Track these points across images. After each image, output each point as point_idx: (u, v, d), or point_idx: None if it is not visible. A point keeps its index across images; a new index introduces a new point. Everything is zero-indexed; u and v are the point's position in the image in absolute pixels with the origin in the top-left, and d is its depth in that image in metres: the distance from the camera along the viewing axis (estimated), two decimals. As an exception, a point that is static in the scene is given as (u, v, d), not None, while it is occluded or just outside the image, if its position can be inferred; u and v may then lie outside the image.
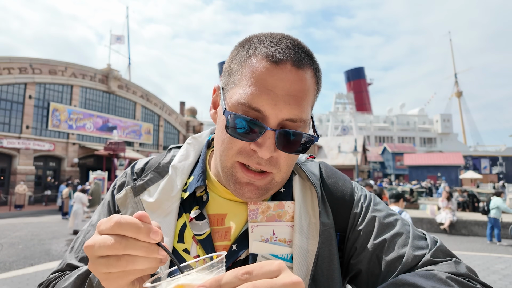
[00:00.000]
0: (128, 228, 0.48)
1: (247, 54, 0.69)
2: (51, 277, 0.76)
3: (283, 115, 0.65)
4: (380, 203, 0.81)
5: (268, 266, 0.41)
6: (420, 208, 16.00)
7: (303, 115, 0.67)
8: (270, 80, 0.64)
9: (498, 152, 56.99)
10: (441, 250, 0.69)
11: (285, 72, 0.65)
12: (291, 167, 0.73)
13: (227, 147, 0.70)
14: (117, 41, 40.42)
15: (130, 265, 0.48)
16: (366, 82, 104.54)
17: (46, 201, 21.99)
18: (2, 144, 20.77)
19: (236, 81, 0.69)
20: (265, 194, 0.72)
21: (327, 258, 0.72)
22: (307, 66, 0.68)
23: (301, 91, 0.66)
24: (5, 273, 6.75)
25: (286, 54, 0.66)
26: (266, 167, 0.68)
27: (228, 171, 0.71)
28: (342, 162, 37.61)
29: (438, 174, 39.49)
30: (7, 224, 13.47)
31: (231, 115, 0.66)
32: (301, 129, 0.68)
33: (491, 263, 7.50)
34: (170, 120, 34.62)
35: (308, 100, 0.68)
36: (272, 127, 0.65)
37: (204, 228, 0.74)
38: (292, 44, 0.68)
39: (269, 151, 0.65)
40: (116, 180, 0.90)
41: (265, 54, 0.66)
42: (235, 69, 0.70)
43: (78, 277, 0.67)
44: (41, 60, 23.56)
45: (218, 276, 0.41)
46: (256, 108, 0.64)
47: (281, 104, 0.64)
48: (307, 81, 0.68)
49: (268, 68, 0.65)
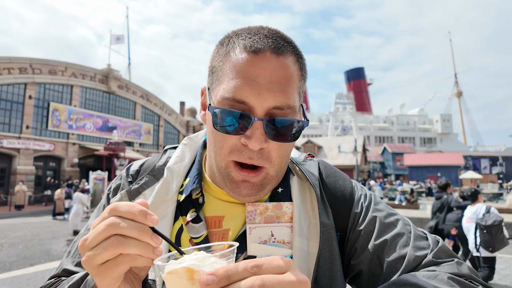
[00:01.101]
0: (125, 209, 0.48)
1: (226, 50, 0.68)
2: (47, 283, 0.75)
3: (269, 103, 0.64)
4: (381, 203, 0.80)
5: (277, 261, 0.41)
6: (420, 208, 15.99)
7: (289, 101, 0.65)
8: (251, 70, 0.64)
9: (498, 152, 57.00)
10: (443, 250, 0.69)
11: (265, 61, 0.64)
12: (285, 159, 0.72)
13: (219, 146, 0.69)
14: (117, 41, 40.40)
15: (121, 245, 0.47)
16: (366, 82, 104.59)
17: (46, 201, 21.97)
18: (2, 144, 20.76)
19: (219, 78, 0.68)
20: (261, 190, 0.71)
21: (329, 259, 0.72)
22: (287, 52, 0.67)
23: (283, 77, 0.65)
24: (5, 273, 6.74)
25: (264, 43, 0.65)
26: (258, 161, 0.67)
27: (224, 171, 0.70)
28: (342, 162, 37.60)
29: (438, 174, 39.48)
30: (7, 224, 13.46)
31: (216, 110, 0.65)
32: (290, 116, 0.67)
33: (491, 263, 7.48)
34: (170, 120, 34.61)
35: (292, 86, 0.67)
36: (260, 117, 0.64)
37: (201, 231, 0.73)
38: (270, 33, 0.68)
39: (258, 141, 0.64)
40: (111, 183, 0.88)
41: (243, 46, 0.66)
42: (216, 66, 0.70)
43: (70, 286, 0.65)
44: (41, 60, 23.55)
45: (228, 266, 0.41)
46: (240, 100, 0.64)
47: (265, 92, 0.63)
48: (289, 67, 0.67)
49: (247, 59, 0.64)
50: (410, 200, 18.64)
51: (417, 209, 16.16)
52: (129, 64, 47.56)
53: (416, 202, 18.29)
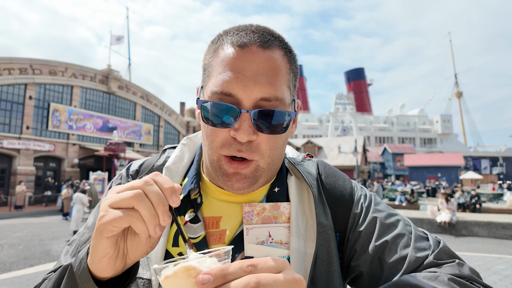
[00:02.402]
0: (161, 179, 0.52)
1: (215, 47, 0.70)
2: (45, 277, 0.74)
3: (255, 95, 0.64)
4: (381, 203, 0.80)
5: (272, 261, 0.42)
6: (421, 208, 15.98)
7: (277, 93, 0.65)
8: (237, 64, 0.65)
9: (498, 153, 57.00)
10: (444, 251, 0.68)
11: (251, 54, 0.65)
12: (276, 152, 0.71)
13: (210, 140, 0.69)
14: (117, 42, 40.41)
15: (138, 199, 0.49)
16: (366, 83, 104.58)
17: (46, 202, 21.96)
18: (2, 144, 20.76)
19: (209, 74, 0.69)
20: (254, 183, 0.70)
21: (326, 260, 0.71)
22: (274, 46, 0.68)
23: (270, 69, 0.65)
24: (5, 274, 6.73)
25: (250, 37, 0.66)
26: (247, 154, 0.66)
27: (216, 164, 0.70)
28: (342, 163, 37.59)
29: (439, 175, 39.46)
30: (7, 224, 13.46)
31: (204, 103, 0.66)
32: (279, 108, 0.66)
33: (491, 263, 7.48)
34: (170, 121, 34.62)
35: (280, 78, 0.67)
36: (247, 109, 0.64)
37: (199, 231, 0.73)
38: (257, 29, 0.69)
39: (246, 133, 0.64)
40: (111, 182, 0.88)
41: (231, 42, 0.67)
42: (207, 64, 0.71)
43: (64, 267, 0.64)
44: (41, 61, 23.57)
45: (224, 266, 0.42)
46: (228, 93, 0.64)
47: (251, 84, 0.64)
48: (276, 60, 0.67)
49: (234, 53, 0.66)
50: (411, 200, 18.62)
51: (417, 209, 16.16)
52: (129, 65, 47.61)
53: (416, 202, 18.27)
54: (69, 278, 0.58)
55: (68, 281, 0.58)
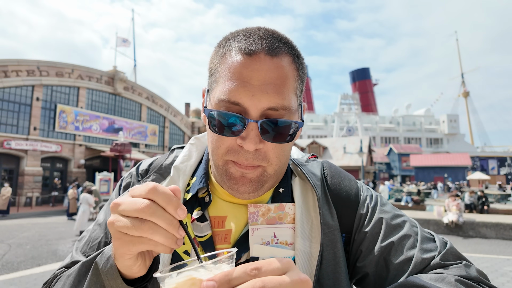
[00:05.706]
0: (162, 197, 0.49)
1: (223, 52, 0.69)
2: (57, 272, 0.75)
3: (263, 104, 0.64)
4: (387, 204, 0.79)
5: (276, 263, 0.42)
6: (427, 209, 15.83)
7: (284, 102, 0.65)
8: (245, 72, 0.64)
9: (506, 153, 56.31)
10: (451, 252, 0.67)
11: (259, 62, 0.64)
12: (283, 159, 0.71)
13: (216, 146, 0.69)
14: (123, 44, 40.69)
15: (150, 232, 0.49)
16: (371, 83, 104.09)
17: (53, 202, 22.21)
18: (10, 145, 21.02)
19: (216, 79, 0.69)
20: (260, 188, 0.70)
21: (332, 261, 0.71)
22: (282, 53, 0.67)
23: (278, 78, 0.65)
24: (13, 273, 6.82)
25: (258, 45, 0.65)
26: (254, 162, 0.66)
27: (222, 169, 0.70)
28: (348, 163, 37.41)
29: (445, 175, 39.10)
30: (15, 224, 13.62)
31: (212, 112, 0.66)
32: (286, 117, 0.66)
33: (499, 265, 7.38)
34: (175, 122, 34.77)
35: (288, 87, 0.66)
36: (254, 118, 0.64)
37: (205, 230, 0.74)
38: (265, 34, 0.67)
39: (253, 143, 0.64)
40: (121, 180, 0.89)
41: (238, 48, 0.66)
42: (214, 68, 0.70)
43: (83, 264, 0.65)
44: (48, 63, 23.83)
45: (227, 271, 0.41)
46: (235, 102, 0.64)
47: (259, 94, 0.63)
48: (284, 68, 0.66)
49: (242, 61, 0.65)
50: (417, 201, 18.46)
51: (423, 210, 16.02)
52: (135, 66, 47.86)
53: (422, 203, 18.11)
54: (93, 275, 0.60)
55: (93, 278, 0.60)
